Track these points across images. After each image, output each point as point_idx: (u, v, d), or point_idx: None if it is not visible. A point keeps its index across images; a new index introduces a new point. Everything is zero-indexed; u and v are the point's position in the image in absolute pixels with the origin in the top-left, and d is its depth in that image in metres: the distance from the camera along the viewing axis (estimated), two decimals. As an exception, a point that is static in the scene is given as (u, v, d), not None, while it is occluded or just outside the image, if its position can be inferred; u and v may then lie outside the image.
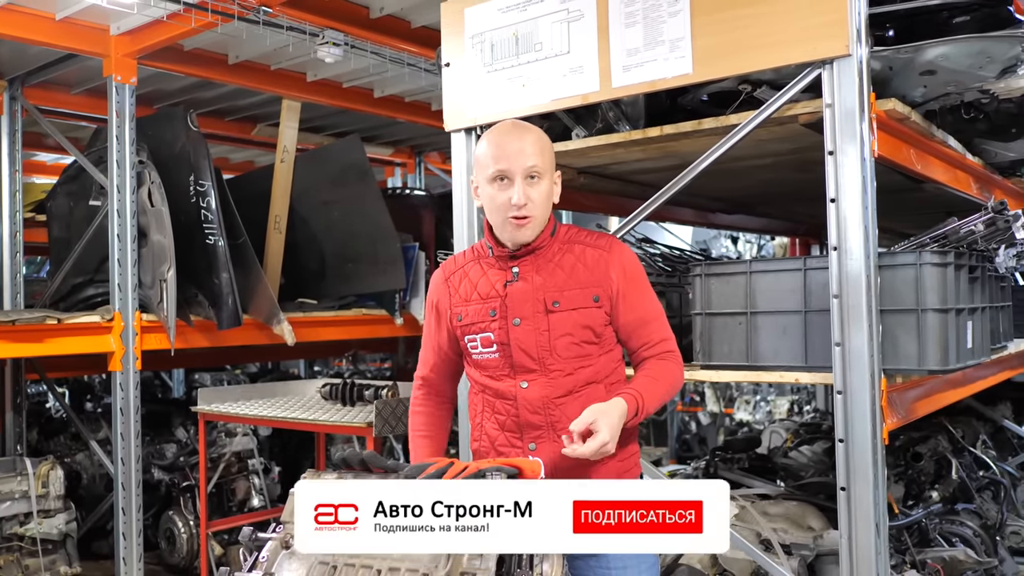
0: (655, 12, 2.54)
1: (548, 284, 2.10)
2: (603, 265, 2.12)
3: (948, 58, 2.41)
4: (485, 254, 2.20)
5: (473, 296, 2.16)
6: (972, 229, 2.55)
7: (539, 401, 2.09)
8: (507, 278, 2.13)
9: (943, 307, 2.40)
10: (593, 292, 2.10)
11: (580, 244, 2.15)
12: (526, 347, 2.09)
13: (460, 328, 2.17)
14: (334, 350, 8.29)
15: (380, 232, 5.36)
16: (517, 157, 2.04)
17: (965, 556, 3.70)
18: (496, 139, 2.10)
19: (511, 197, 2.03)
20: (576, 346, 2.09)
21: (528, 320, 2.09)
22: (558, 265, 2.12)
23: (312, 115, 5.98)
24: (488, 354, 2.13)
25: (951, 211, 3.54)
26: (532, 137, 2.10)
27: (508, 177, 2.04)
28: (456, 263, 2.26)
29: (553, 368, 2.09)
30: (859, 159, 2.30)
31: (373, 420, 3.61)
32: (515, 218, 2.05)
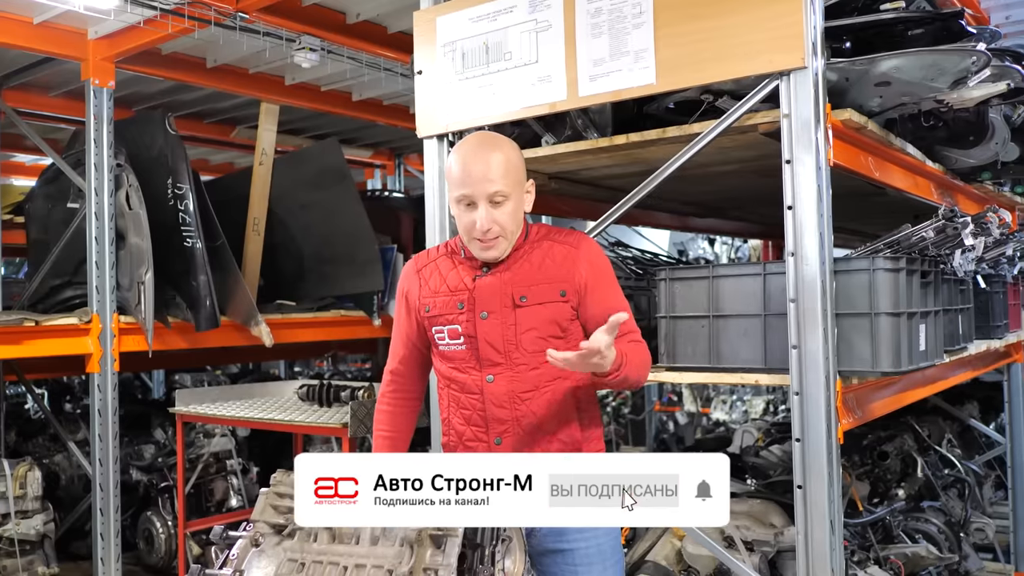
0: (620, 24, 2.61)
1: (516, 279, 2.14)
2: (571, 260, 2.15)
3: (901, 70, 2.49)
4: (458, 251, 2.23)
5: (442, 288, 2.18)
6: (924, 235, 2.63)
7: (505, 395, 2.11)
8: (477, 273, 2.16)
9: (895, 311, 2.48)
10: (560, 287, 2.13)
11: (549, 241, 2.19)
12: (492, 340, 2.11)
13: (428, 319, 2.19)
14: (314, 351, 8.33)
15: (358, 234, 5.40)
16: (480, 183, 2.05)
17: (927, 552, 3.80)
18: (461, 161, 2.11)
19: (476, 221, 2.06)
20: (542, 340, 2.11)
21: (495, 314, 2.12)
22: (527, 260, 2.15)
23: (291, 117, 6.02)
24: (455, 346, 2.16)
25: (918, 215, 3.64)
26: (497, 159, 2.09)
27: (472, 202, 2.07)
28: (428, 256, 2.29)
29: (519, 362, 2.11)
30: (815, 167, 2.37)
31: (348, 421, 3.66)
32: (481, 240, 2.08)
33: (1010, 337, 4.41)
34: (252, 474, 5.52)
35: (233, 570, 1.82)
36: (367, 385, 4.30)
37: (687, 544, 3.23)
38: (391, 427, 2.31)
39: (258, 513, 1.91)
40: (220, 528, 1.91)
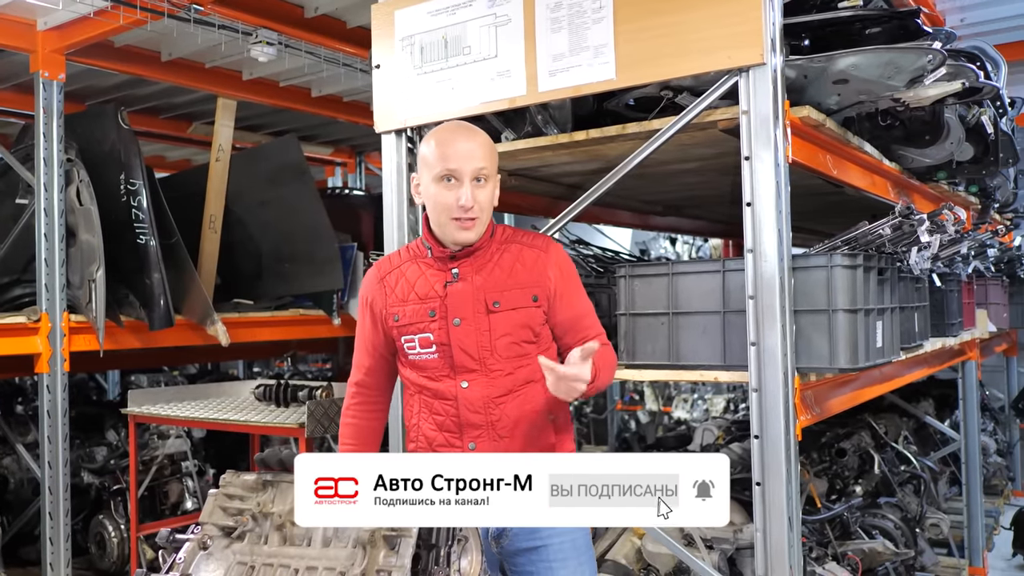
0: (579, 19, 2.59)
1: (488, 284, 2.11)
2: (541, 265, 2.14)
3: (859, 68, 2.50)
4: (423, 254, 2.18)
5: (410, 296, 2.14)
6: (881, 233, 2.65)
7: (480, 401, 2.09)
8: (446, 279, 2.12)
9: (852, 308, 2.49)
10: (532, 292, 2.12)
11: (517, 244, 2.17)
12: (466, 347, 2.09)
13: (396, 328, 2.15)
14: (273, 351, 8.21)
15: (317, 232, 5.32)
16: (467, 158, 2.04)
17: (883, 548, 3.84)
18: (445, 137, 2.10)
19: (459, 198, 2.03)
20: (516, 345, 2.11)
21: (468, 320, 2.09)
22: (497, 265, 2.13)
23: (250, 113, 5.93)
24: (427, 354, 2.12)
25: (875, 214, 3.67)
26: (481, 139, 2.11)
27: (456, 177, 2.04)
28: (391, 263, 2.24)
29: (494, 368, 2.09)
30: (773, 164, 2.37)
31: (305, 421, 3.60)
32: (459, 219, 2.05)
33: (964, 335, 4.47)
34: (208, 476, 5.41)
35: (180, 574, 1.77)
36: (325, 385, 4.24)
37: (647, 542, 3.23)
38: (356, 440, 2.26)
39: (207, 515, 1.85)
40: (167, 531, 1.85)
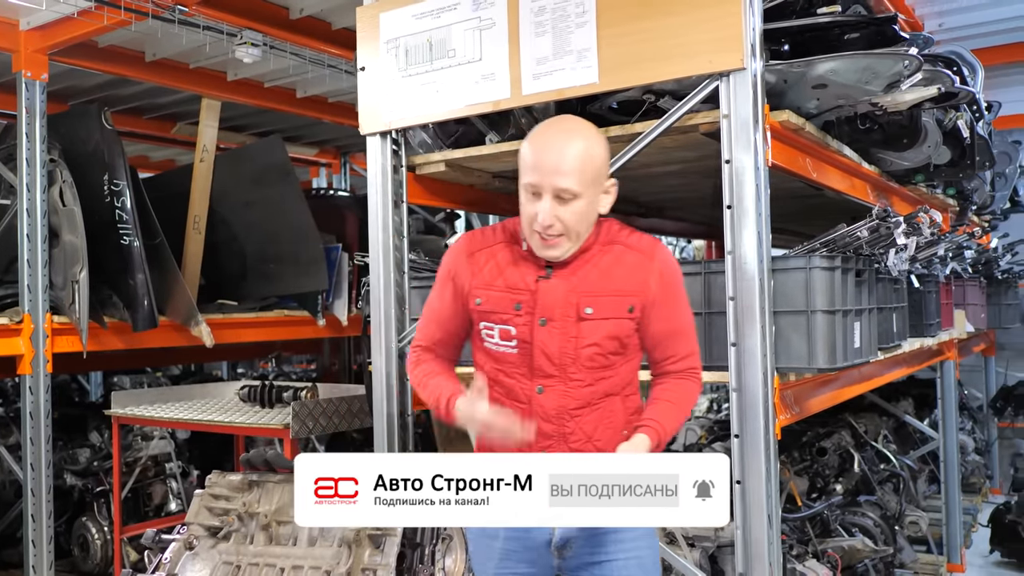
0: (563, 23, 2.62)
1: (582, 287, 1.96)
2: (643, 272, 1.99)
3: (837, 73, 2.54)
4: (518, 240, 2.02)
5: (497, 282, 1.99)
6: (858, 235, 2.69)
7: (554, 410, 1.96)
8: (539, 273, 1.97)
9: (830, 308, 2.53)
10: (628, 302, 1.97)
11: (620, 244, 2.02)
12: (549, 351, 1.95)
13: (477, 312, 2.01)
14: (257, 352, 8.19)
15: (302, 233, 5.32)
16: (549, 175, 1.86)
17: (862, 545, 3.90)
18: (536, 146, 1.92)
19: (537, 214, 1.88)
20: (601, 356, 1.97)
21: (556, 323, 1.95)
22: (595, 266, 1.98)
23: (234, 114, 5.92)
24: (505, 348, 1.98)
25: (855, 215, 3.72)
26: (575, 151, 1.89)
27: (538, 192, 1.89)
28: (484, 239, 2.07)
29: (574, 377, 1.96)
30: (754, 167, 2.41)
31: (290, 422, 3.61)
32: (541, 234, 1.91)
33: (942, 335, 4.54)
34: (192, 477, 5.40)
35: (167, 574, 1.78)
36: (310, 386, 4.26)
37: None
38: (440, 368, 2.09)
39: (192, 515, 1.87)
40: (152, 532, 1.87)
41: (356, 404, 3.89)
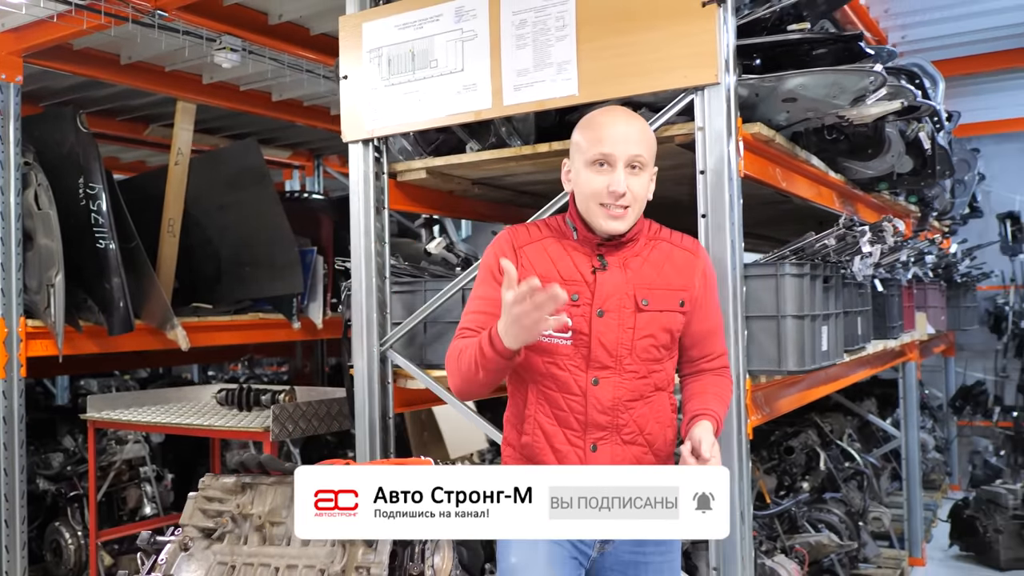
0: (544, 36, 2.70)
1: (637, 279, 2.00)
2: (690, 269, 2.06)
3: (807, 88, 2.65)
4: (566, 234, 2.06)
5: (551, 274, 1.99)
6: (826, 243, 2.80)
7: (609, 401, 1.98)
8: (593, 264, 2.01)
9: (800, 313, 2.64)
10: (680, 296, 2.03)
11: (667, 242, 2.08)
12: (606, 342, 1.97)
13: None
14: (227, 355, 8.17)
15: (277, 236, 5.34)
16: (622, 143, 1.93)
17: (829, 540, 4.02)
18: (601, 121, 2.00)
19: (610, 184, 1.92)
20: (655, 349, 2.01)
21: (613, 314, 1.98)
22: (646, 260, 2.03)
23: (208, 116, 5.91)
24: (559, 340, 1.99)
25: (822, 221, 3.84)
26: (639, 126, 2.01)
27: (609, 162, 1.94)
28: (530, 234, 2.09)
29: (629, 368, 1.99)
30: (727, 178, 2.50)
31: (270, 425, 3.64)
32: (607, 206, 1.94)
33: (905, 337, 4.68)
34: (167, 481, 5.39)
35: (163, 574, 1.83)
36: (288, 389, 4.28)
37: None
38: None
39: (187, 517, 1.91)
40: (147, 533, 1.91)
41: (335, 407, 3.93)
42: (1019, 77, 6.38)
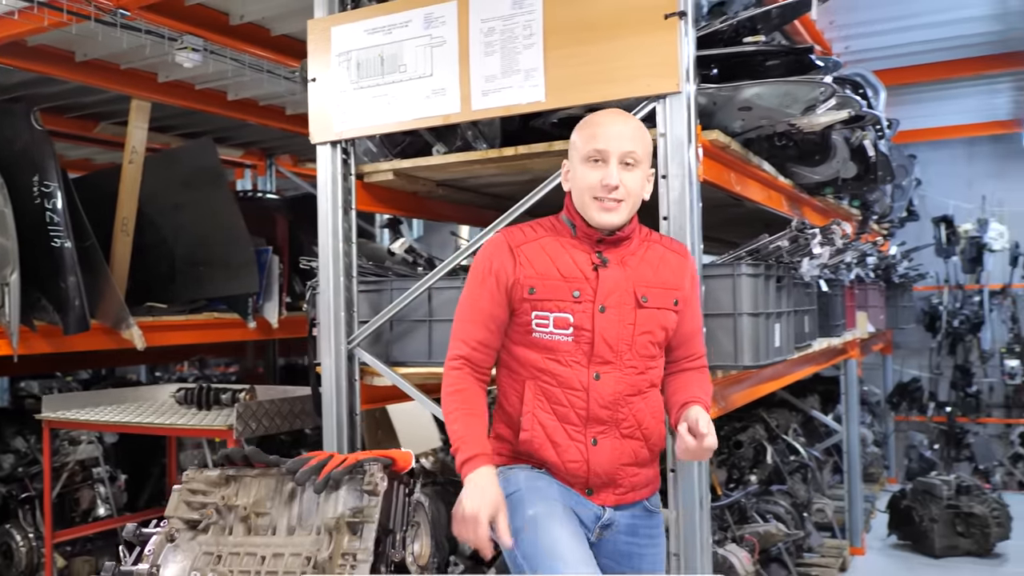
0: (511, 44, 2.79)
1: (637, 277, 2.07)
2: (681, 270, 2.15)
3: (761, 97, 2.79)
4: (564, 231, 2.11)
5: (551, 272, 2.05)
6: (779, 245, 2.95)
7: (611, 396, 2.03)
8: (593, 261, 2.06)
9: (755, 312, 2.77)
10: (674, 295, 2.11)
11: (659, 245, 2.17)
12: (608, 337, 2.02)
13: (529, 301, 2.05)
14: (175, 356, 8.08)
15: (233, 236, 5.34)
16: (615, 139, 2.01)
17: (777, 530, 4.19)
18: (597, 120, 2.08)
19: (603, 177, 2.00)
20: (652, 345, 2.08)
21: (615, 309, 2.03)
22: (643, 259, 2.10)
23: (159, 114, 5.85)
24: (560, 336, 2.03)
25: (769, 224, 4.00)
26: (634, 125, 2.09)
27: (603, 158, 2.01)
28: (526, 235, 2.13)
29: (629, 364, 2.05)
30: (687, 182, 2.62)
31: (234, 423, 3.66)
32: (601, 200, 2.01)
33: (847, 335, 4.87)
34: (120, 482, 5.34)
35: (150, 565, 1.87)
36: (249, 387, 4.30)
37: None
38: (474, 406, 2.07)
39: (172, 510, 1.95)
40: (133, 526, 1.94)
41: (298, 405, 3.96)
42: (953, 87, 6.69)
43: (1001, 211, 8.16)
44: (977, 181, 8.34)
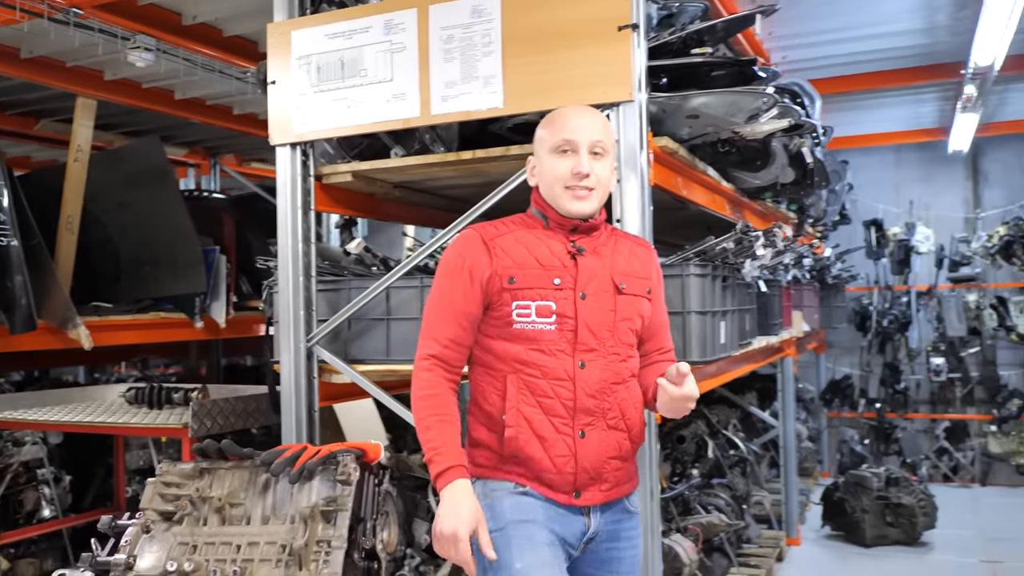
0: (470, 51, 2.88)
1: (612, 265, 2.09)
2: (648, 262, 2.19)
3: (708, 106, 2.93)
4: (536, 224, 2.12)
5: (529, 261, 2.04)
6: (725, 246, 3.10)
7: (597, 384, 2.02)
8: (570, 250, 2.07)
9: (703, 310, 2.92)
10: (647, 285, 2.14)
11: (625, 239, 2.20)
12: (591, 324, 2.02)
13: (510, 291, 2.02)
14: (113, 356, 7.95)
15: (180, 235, 5.31)
16: (584, 130, 2.04)
17: (719, 520, 4.37)
18: (563, 114, 2.12)
19: (574, 166, 2.02)
20: (632, 332, 2.10)
21: (595, 296, 2.04)
22: (615, 250, 2.12)
23: (103, 112, 5.76)
24: (543, 324, 2.01)
25: (711, 227, 4.17)
26: (599, 118, 2.13)
27: (572, 148, 2.04)
28: (498, 229, 2.12)
29: (612, 351, 2.04)
30: (640, 186, 2.75)
31: (189, 421, 3.67)
32: (573, 188, 2.02)
33: (784, 334, 5.08)
34: (65, 483, 5.28)
35: (127, 555, 1.91)
36: (201, 387, 4.30)
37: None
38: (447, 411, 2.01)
39: (147, 502, 2.00)
40: (108, 518, 1.98)
41: (252, 403, 3.98)
42: (883, 97, 7.02)
43: (927, 215, 8.55)
44: (905, 186, 8.72)
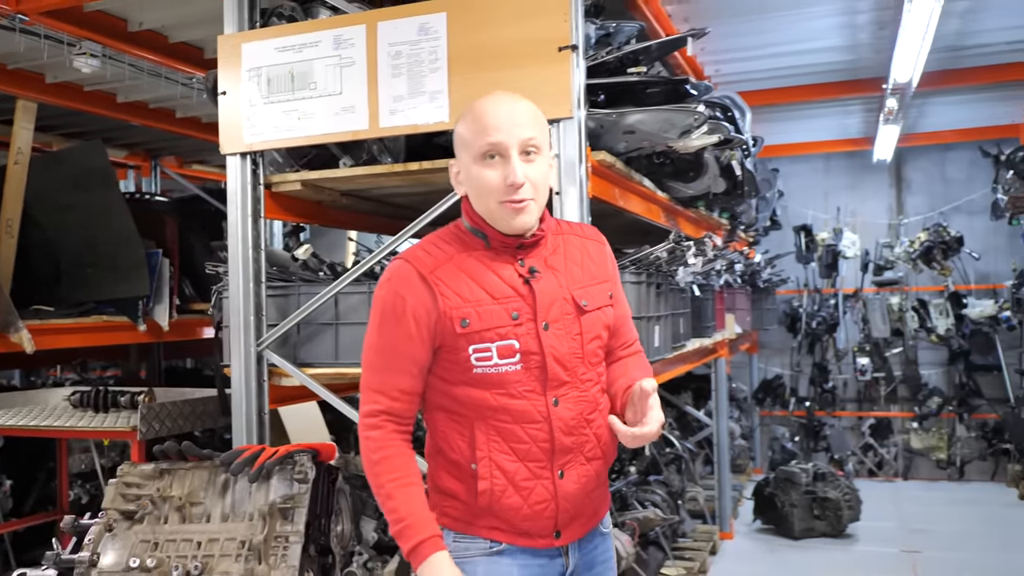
0: (417, 67, 3.00)
1: (570, 280, 1.83)
2: (603, 257, 1.93)
3: (643, 123, 3.11)
4: (476, 244, 1.82)
5: (479, 296, 1.76)
6: (659, 255, 3.29)
7: (573, 420, 1.79)
8: (520, 273, 1.79)
9: (638, 315, 3.09)
10: (607, 289, 1.90)
11: (575, 235, 1.93)
12: (560, 356, 1.77)
13: (464, 336, 1.75)
14: (49, 359, 7.85)
15: (123, 238, 5.31)
16: (511, 128, 1.74)
17: (655, 515, 4.56)
18: (484, 108, 1.79)
19: (506, 177, 1.72)
20: (601, 350, 1.88)
21: (558, 323, 1.78)
22: (568, 258, 1.86)
23: (42, 114, 5.74)
24: (507, 366, 1.75)
25: (647, 234, 4.35)
26: (526, 105, 1.81)
27: (500, 153, 1.73)
28: (433, 255, 1.80)
29: (584, 378, 1.82)
30: (579, 199, 2.90)
31: (138, 424, 3.71)
32: (510, 202, 1.73)
33: (717, 336, 5.30)
34: (5, 487, 5.23)
35: (91, 553, 1.99)
36: (147, 390, 4.33)
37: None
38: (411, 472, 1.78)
39: (109, 501, 2.08)
40: (70, 518, 2.06)
41: (200, 406, 4.03)
42: (811, 108, 7.35)
43: (854, 221, 8.93)
44: (833, 193, 9.10)
